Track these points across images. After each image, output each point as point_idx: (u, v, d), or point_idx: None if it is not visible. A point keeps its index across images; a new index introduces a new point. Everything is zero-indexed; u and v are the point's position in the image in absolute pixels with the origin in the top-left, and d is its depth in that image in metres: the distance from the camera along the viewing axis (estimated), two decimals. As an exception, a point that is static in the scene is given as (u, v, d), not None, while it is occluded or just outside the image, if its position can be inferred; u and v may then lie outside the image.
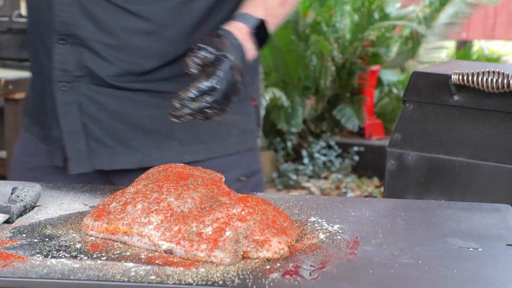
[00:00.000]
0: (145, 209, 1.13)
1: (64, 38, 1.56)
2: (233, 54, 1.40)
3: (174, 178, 1.22)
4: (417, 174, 1.92)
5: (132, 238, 1.11)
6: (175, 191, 1.17)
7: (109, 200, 1.19)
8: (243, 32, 1.48)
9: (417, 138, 1.94)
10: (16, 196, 1.25)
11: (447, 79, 1.92)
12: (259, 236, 1.08)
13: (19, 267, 1.01)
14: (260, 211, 1.12)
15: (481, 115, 1.88)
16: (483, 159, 1.83)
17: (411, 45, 6.29)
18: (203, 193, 1.18)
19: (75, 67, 1.57)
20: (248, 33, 1.49)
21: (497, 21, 8.69)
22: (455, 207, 1.35)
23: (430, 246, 1.14)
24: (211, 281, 0.99)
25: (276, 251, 1.08)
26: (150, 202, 1.14)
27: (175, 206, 1.14)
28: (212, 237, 1.06)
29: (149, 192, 1.17)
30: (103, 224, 1.14)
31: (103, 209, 1.17)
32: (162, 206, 1.13)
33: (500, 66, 2.05)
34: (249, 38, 1.49)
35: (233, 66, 1.38)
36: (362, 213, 1.29)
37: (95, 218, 1.16)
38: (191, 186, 1.20)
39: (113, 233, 1.13)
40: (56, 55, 1.56)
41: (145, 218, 1.11)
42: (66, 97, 1.57)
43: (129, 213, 1.13)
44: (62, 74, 1.57)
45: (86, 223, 1.16)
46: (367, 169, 5.70)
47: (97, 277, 0.98)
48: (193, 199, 1.16)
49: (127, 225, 1.12)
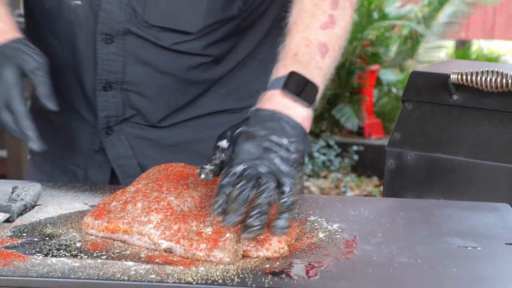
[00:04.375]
0: (145, 208, 1.13)
1: (109, 85, 1.48)
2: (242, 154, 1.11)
3: (174, 177, 1.23)
4: (416, 173, 1.92)
5: (132, 237, 1.11)
6: (175, 190, 1.17)
7: (110, 199, 1.19)
8: (276, 99, 1.20)
9: (416, 137, 1.95)
10: (17, 195, 1.25)
11: (446, 79, 1.92)
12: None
13: (19, 266, 1.01)
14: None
15: (480, 115, 1.89)
16: (482, 158, 1.83)
17: (411, 45, 6.30)
18: (203, 192, 1.19)
19: (122, 111, 1.50)
20: (282, 95, 1.20)
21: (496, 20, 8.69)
22: (454, 206, 1.36)
23: (429, 245, 1.14)
24: (211, 280, 0.99)
25: (276, 250, 1.08)
26: (150, 201, 1.14)
27: (175, 205, 1.14)
28: (212, 237, 1.06)
29: (149, 191, 1.17)
30: (103, 223, 1.14)
31: (103, 208, 1.17)
32: (162, 205, 1.13)
33: (499, 66, 2.05)
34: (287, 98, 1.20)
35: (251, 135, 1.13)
36: (361, 212, 1.30)
37: (95, 217, 1.16)
38: (191, 185, 1.20)
39: (113, 232, 1.13)
40: (100, 103, 1.49)
41: (145, 217, 1.12)
42: (114, 142, 1.51)
43: (129, 212, 1.14)
44: (107, 120, 1.50)
45: (87, 222, 1.16)
46: (367, 168, 5.70)
47: (97, 276, 0.99)
48: (193, 198, 1.16)
49: (127, 224, 1.12)
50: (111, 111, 1.50)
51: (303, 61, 1.25)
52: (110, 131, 1.51)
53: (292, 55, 1.26)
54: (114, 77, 1.47)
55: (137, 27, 1.43)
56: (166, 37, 1.44)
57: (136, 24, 1.43)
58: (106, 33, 1.44)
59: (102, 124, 1.51)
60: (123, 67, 1.46)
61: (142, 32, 1.44)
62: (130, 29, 1.43)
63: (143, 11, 1.42)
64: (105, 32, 1.44)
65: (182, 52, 1.46)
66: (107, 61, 1.46)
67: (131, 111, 1.50)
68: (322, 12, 1.31)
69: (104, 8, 1.42)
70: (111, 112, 1.50)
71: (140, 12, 1.42)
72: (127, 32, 1.44)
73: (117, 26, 1.43)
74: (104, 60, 1.46)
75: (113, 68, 1.46)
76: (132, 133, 1.52)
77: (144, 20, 1.43)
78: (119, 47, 1.45)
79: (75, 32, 1.47)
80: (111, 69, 1.46)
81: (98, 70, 1.47)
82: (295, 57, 1.26)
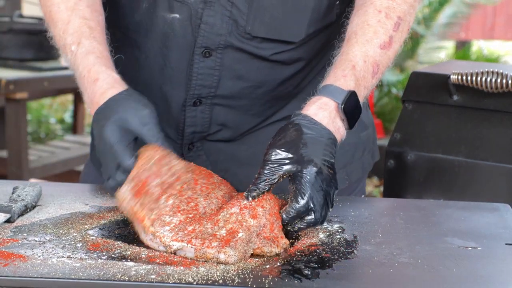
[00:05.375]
0: (174, 207, 1.13)
1: (200, 100, 1.43)
2: (317, 156, 1.16)
3: (205, 173, 1.23)
4: (416, 173, 1.92)
5: (146, 236, 1.11)
6: (206, 190, 1.19)
7: (154, 175, 1.16)
8: (330, 110, 1.22)
9: (416, 137, 1.95)
10: (17, 196, 1.26)
11: (446, 79, 1.92)
12: (269, 233, 1.12)
13: (20, 266, 1.01)
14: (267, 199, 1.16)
15: (480, 115, 1.89)
16: (482, 158, 1.84)
17: (411, 45, 6.30)
18: (225, 191, 1.21)
19: (208, 127, 1.46)
20: (336, 109, 1.22)
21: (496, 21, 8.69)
22: (454, 207, 1.36)
23: (429, 245, 1.14)
24: (211, 280, 0.99)
25: (282, 245, 1.12)
26: (181, 200, 1.14)
27: (201, 207, 1.15)
28: (226, 238, 1.08)
29: (185, 187, 1.17)
30: (137, 204, 1.13)
31: (143, 184, 1.15)
32: (191, 206, 1.14)
33: (499, 66, 2.05)
34: (338, 114, 1.22)
35: (319, 170, 1.15)
36: (361, 213, 1.30)
37: (135, 193, 1.14)
38: (217, 184, 1.22)
39: (137, 220, 1.12)
40: (188, 118, 1.44)
41: (169, 217, 1.12)
42: (194, 158, 1.48)
43: (159, 206, 1.13)
44: (192, 136, 1.47)
45: (124, 196, 1.15)
46: (367, 168, 5.69)
47: (98, 276, 0.99)
48: (218, 199, 1.18)
49: (152, 221, 1.11)
50: (197, 127, 1.46)
51: (359, 77, 1.26)
52: (192, 147, 1.49)
53: (351, 67, 1.26)
54: (207, 91, 1.42)
55: (238, 39, 1.38)
56: (267, 48, 1.39)
57: (237, 36, 1.38)
58: (205, 47, 1.38)
59: (187, 140, 1.48)
60: (218, 81, 1.41)
61: (242, 44, 1.38)
62: (231, 42, 1.38)
63: (246, 23, 1.36)
64: (205, 45, 1.38)
65: (280, 62, 1.42)
66: (202, 75, 1.40)
67: (216, 127, 1.47)
68: (384, 31, 1.31)
69: (205, 21, 1.37)
70: (198, 128, 1.46)
71: (242, 24, 1.37)
72: (228, 45, 1.38)
73: (218, 39, 1.38)
74: (200, 74, 1.40)
75: (207, 83, 1.41)
76: (211, 149, 1.49)
77: (247, 31, 1.37)
78: (217, 61, 1.39)
79: (168, 46, 1.40)
80: (205, 83, 1.41)
81: (192, 85, 1.41)
82: (353, 70, 1.26)
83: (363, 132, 1.57)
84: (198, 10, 1.36)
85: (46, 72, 3.82)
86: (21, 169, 3.78)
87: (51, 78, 3.80)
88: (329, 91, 1.24)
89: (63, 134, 6.41)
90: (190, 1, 1.36)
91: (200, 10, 1.36)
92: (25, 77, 3.69)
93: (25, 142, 3.83)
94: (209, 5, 1.36)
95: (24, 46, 3.91)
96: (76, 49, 1.29)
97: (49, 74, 3.81)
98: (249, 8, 1.35)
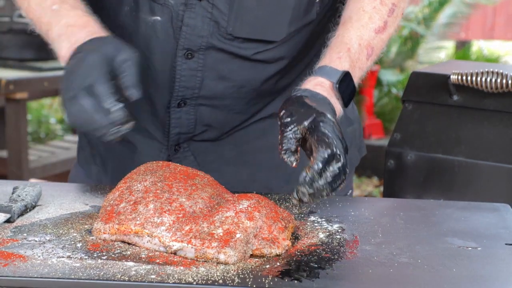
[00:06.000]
0: (158, 209, 1.13)
1: (184, 101, 1.44)
2: (327, 110, 1.20)
3: (181, 176, 1.22)
4: (416, 173, 1.92)
5: (143, 239, 1.11)
6: (185, 191, 1.17)
7: (117, 201, 1.17)
8: (326, 88, 1.28)
9: (416, 138, 1.95)
10: (17, 196, 1.26)
11: (446, 79, 1.92)
12: (268, 235, 1.11)
13: (20, 266, 1.01)
14: (264, 205, 1.15)
15: (480, 115, 1.89)
16: (482, 158, 1.84)
17: (411, 45, 6.31)
18: (210, 193, 1.19)
19: (193, 127, 1.47)
20: (331, 88, 1.28)
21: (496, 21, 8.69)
22: (454, 207, 1.36)
23: (429, 246, 1.14)
24: (211, 280, 0.99)
25: (284, 247, 1.11)
26: (162, 202, 1.14)
27: (187, 206, 1.14)
28: (224, 237, 1.07)
29: (159, 191, 1.16)
30: (114, 225, 1.13)
31: (111, 210, 1.16)
32: (175, 206, 1.13)
33: (499, 66, 2.05)
34: (333, 93, 1.28)
35: (334, 122, 1.18)
36: (361, 213, 1.30)
37: (105, 221, 1.14)
38: (199, 185, 1.20)
39: (125, 234, 1.12)
40: (173, 120, 1.46)
41: (158, 218, 1.11)
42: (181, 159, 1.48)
43: (140, 213, 1.13)
44: (178, 137, 1.48)
45: (97, 228, 1.14)
46: (367, 168, 5.70)
47: (98, 276, 0.99)
48: (203, 199, 1.17)
49: (140, 226, 1.11)
50: (183, 128, 1.46)
51: (353, 58, 1.33)
52: (178, 148, 1.49)
53: (346, 49, 1.33)
54: (190, 92, 1.43)
55: (219, 40, 1.39)
56: (249, 47, 1.41)
57: (218, 37, 1.39)
58: (187, 48, 1.39)
59: (173, 141, 1.48)
60: (201, 82, 1.42)
61: (223, 45, 1.40)
62: (212, 43, 1.39)
63: (227, 24, 1.38)
64: (187, 47, 1.39)
65: (262, 61, 1.43)
66: (185, 77, 1.41)
67: (201, 127, 1.47)
68: (379, 17, 1.38)
69: (186, 23, 1.38)
70: (183, 129, 1.46)
71: (223, 24, 1.38)
72: (209, 46, 1.39)
73: (199, 40, 1.39)
74: (183, 76, 1.41)
75: (191, 84, 1.42)
76: (198, 149, 1.50)
77: (228, 32, 1.39)
78: (199, 62, 1.41)
79: (150, 48, 1.41)
80: (188, 85, 1.42)
81: (176, 86, 1.42)
82: (348, 52, 1.32)
83: (349, 127, 1.59)
84: (179, 12, 1.37)
85: (46, 72, 3.82)
86: (21, 169, 3.78)
87: (51, 78, 3.80)
88: (324, 72, 1.30)
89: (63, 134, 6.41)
90: (171, 4, 1.37)
91: (181, 12, 1.37)
92: (25, 77, 3.69)
93: (25, 142, 3.83)
94: (190, 7, 1.37)
95: (24, 46, 3.92)
96: (59, 7, 1.32)
97: (49, 74, 3.81)
98: (230, 9, 1.37)
